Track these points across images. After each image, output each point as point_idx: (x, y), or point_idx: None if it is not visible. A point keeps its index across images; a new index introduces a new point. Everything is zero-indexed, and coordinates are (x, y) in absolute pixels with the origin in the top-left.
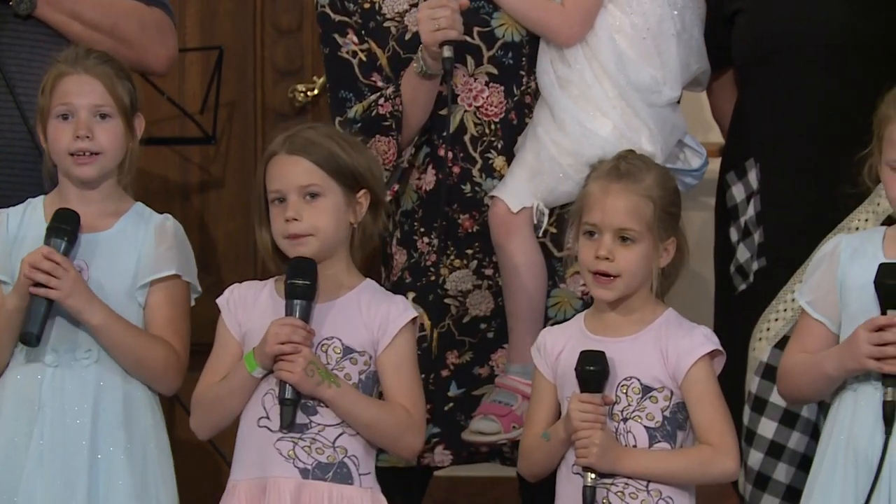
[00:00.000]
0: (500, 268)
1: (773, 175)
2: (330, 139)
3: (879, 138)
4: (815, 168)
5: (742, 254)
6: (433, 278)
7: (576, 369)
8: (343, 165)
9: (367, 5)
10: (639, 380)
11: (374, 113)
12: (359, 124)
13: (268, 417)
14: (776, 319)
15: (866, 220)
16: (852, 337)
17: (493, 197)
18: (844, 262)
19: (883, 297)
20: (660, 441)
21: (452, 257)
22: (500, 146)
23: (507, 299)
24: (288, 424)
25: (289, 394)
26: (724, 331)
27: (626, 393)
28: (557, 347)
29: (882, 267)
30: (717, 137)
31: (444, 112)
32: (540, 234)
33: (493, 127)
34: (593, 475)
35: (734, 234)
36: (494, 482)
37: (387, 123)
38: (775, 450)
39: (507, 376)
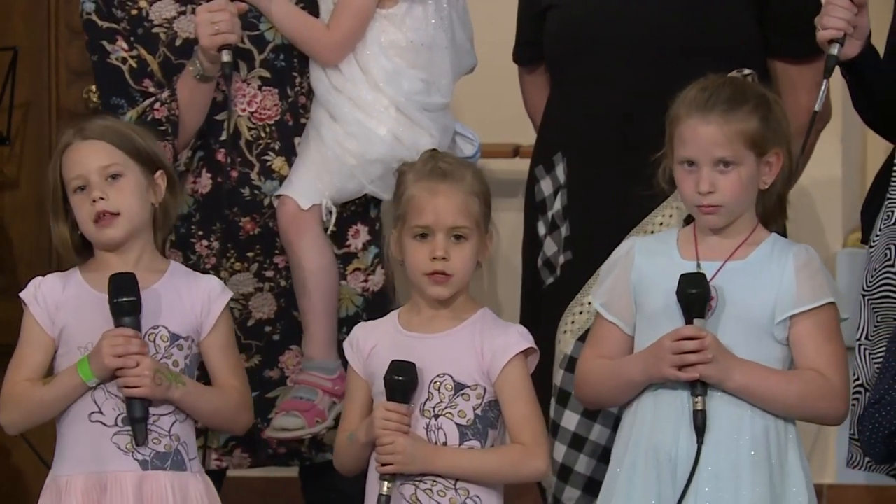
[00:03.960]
0: (292, 266)
1: (579, 169)
2: (120, 124)
3: (671, 137)
4: (621, 162)
5: (549, 247)
6: None
7: (384, 378)
8: (139, 146)
9: (134, 12)
10: (452, 377)
11: (149, 118)
12: None
13: (100, 412)
14: (580, 313)
15: (670, 215)
16: (656, 345)
17: (279, 196)
18: (639, 264)
19: (685, 307)
20: (470, 439)
21: (233, 260)
22: (277, 147)
23: (300, 297)
24: (143, 441)
25: (139, 411)
26: (531, 325)
27: (438, 390)
28: (370, 343)
29: (683, 277)
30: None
31: (219, 117)
32: (328, 232)
33: (268, 130)
34: (389, 484)
35: (542, 228)
36: (290, 482)
37: (163, 128)
38: (577, 442)
39: (305, 372)
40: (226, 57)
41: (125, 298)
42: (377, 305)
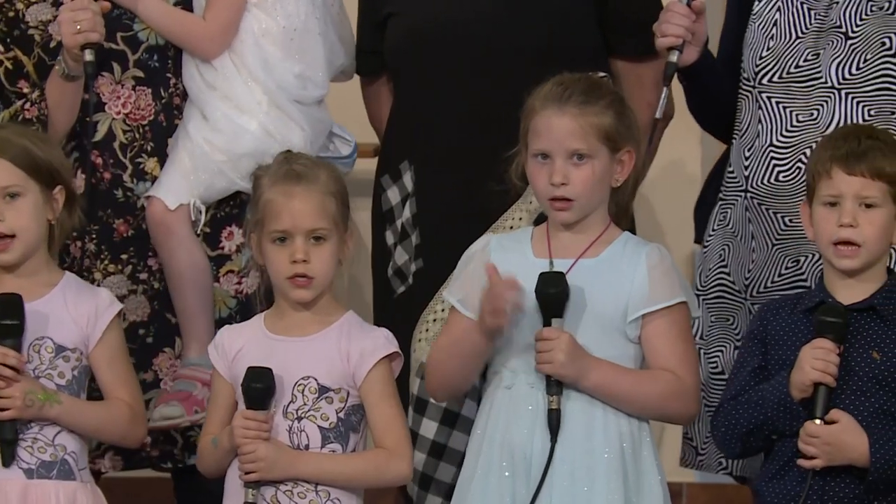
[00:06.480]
0: (164, 267)
1: (427, 176)
2: (23, 136)
3: (525, 132)
4: (469, 169)
5: (400, 256)
6: None
7: (241, 385)
8: (39, 163)
9: (10, 14)
10: (316, 380)
11: (20, 118)
12: None
13: None
14: (434, 320)
15: (520, 218)
16: None
17: (149, 197)
18: (494, 260)
19: (544, 306)
20: (332, 442)
21: (106, 262)
22: (150, 148)
23: (174, 298)
24: (9, 463)
25: (8, 433)
26: None
27: (302, 392)
28: (235, 347)
29: (542, 276)
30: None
31: (93, 118)
32: (198, 232)
33: (142, 131)
34: (253, 491)
35: (391, 238)
36: (150, 483)
37: (34, 128)
38: (437, 450)
39: (183, 368)
40: (88, 56)
41: (8, 321)
42: (251, 308)
